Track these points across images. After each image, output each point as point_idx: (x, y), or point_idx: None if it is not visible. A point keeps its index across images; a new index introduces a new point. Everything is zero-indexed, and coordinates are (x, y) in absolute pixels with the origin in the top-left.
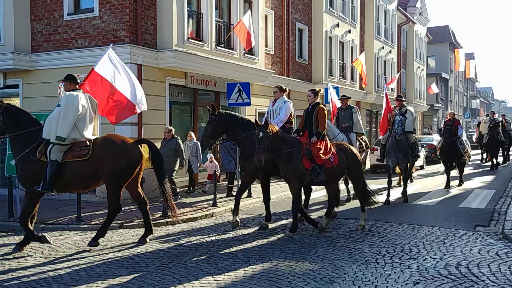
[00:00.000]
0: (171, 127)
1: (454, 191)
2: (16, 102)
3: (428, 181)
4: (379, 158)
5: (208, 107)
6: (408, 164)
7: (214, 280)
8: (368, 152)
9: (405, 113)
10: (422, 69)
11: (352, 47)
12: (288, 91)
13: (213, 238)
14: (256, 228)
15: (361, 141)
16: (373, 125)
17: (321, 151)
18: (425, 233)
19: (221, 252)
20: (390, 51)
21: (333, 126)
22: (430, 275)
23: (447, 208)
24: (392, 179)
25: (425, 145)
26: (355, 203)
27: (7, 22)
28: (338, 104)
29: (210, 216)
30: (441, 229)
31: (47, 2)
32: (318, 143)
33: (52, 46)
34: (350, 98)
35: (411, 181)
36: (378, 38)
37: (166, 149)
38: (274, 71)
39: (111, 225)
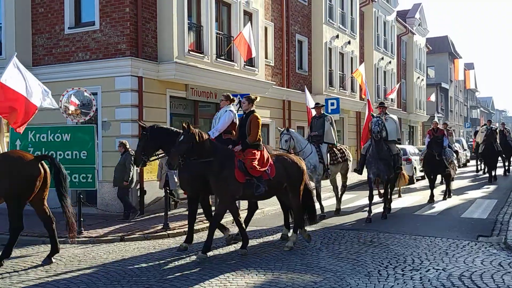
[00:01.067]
0: (124, 141)
1: (456, 201)
2: None
3: (429, 191)
4: (356, 169)
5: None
6: (393, 179)
7: None
8: (349, 164)
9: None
10: (422, 79)
11: (352, 58)
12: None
13: (215, 250)
14: (260, 240)
15: (336, 151)
16: None
17: (255, 163)
18: (428, 243)
19: (223, 265)
20: (390, 62)
21: (301, 138)
22: (433, 287)
23: (449, 218)
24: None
25: None
26: (360, 215)
27: (8, 35)
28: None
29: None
30: (443, 240)
31: (48, 16)
32: (252, 154)
33: (53, 59)
34: (324, 106)
35: (399, 195)
36: (378, 49)
37: (118, 164)
38: (275, 83)
39: (112, 237)
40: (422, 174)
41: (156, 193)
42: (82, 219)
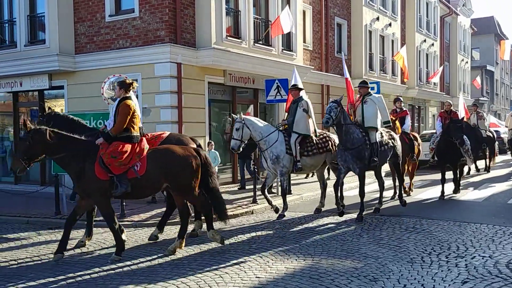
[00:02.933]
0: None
1: (502, 187)
2: (61, 103)
3: (476, 177)
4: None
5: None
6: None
7: (256, 277)
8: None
9: (364, 102)
10: (466, 62)
11: (393, 41)
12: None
13: (254, 235)
14: (299, 226)
15: (314, 141)
16: (415, 122)
17: (116, 158)
18: (473, 230)
19: (262, 249)
20: (433, 44)
21: (262, 125)
22: (479, 274)
23: (495, 204)
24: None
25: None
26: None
27: (51, 25)
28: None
29: (250, 213)
30: (489, 226)
31: (89, 4)
32: (116, 148)
33: (94, 47)
34: (303, 89)
35: (407, 193)
36: (420, 31)
37: None
38: (313, 67)
39: (154, 221)
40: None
41: None
42: (124, 203)
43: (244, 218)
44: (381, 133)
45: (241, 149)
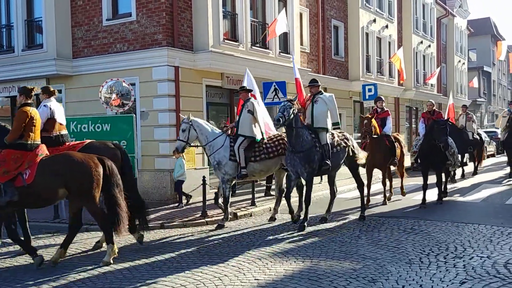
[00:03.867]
0: None
1: (499, 188)
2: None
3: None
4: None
5: None
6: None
7: (255, 279)
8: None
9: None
10: (463, 63)
11: (389, 43)
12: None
13: (253, 237)
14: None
15: (264, 144)
16: (413, 123)
17: (1, 166)
18: (471, 231)
19: (261, 251)
20: (429, 46)
21: (209, 128)
22: (478, 274)
23: (493, 205)
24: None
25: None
26: (400, 203)
27: (49, 29)
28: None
29: (249, 215)
30: (487, 227)
31: (86, 9)
32: (6, 155)
33: (92, 51)
34: (251, 90)
35: (384, 202)
36: (417, 33)
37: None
38: (310, 69)
39: (153, 224)
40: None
41: (194, 181)
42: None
43: (243, 221)
44: (332, 134)
45: (182, 152)
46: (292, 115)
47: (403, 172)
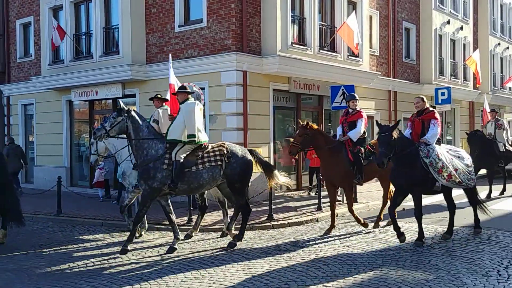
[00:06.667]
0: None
1: None
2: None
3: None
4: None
5: None
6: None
7: (323, 286)
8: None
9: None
10: None
11: (464, 45)
12: None
13: (319, 242)
14: (366, 236)
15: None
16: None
17: None
18: None
19: (328, 258)
20: (508, 48)
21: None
22: None
23: None
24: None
25: None
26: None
27: (125, 36)
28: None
29: (315, 220)
30: None
31: (159, 16)
32: None
33: (164, 57)
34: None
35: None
36: (494, 34)
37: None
38: (380, 73)
39: (220, 226)
40: None
41: (260, 184)
42: (191, 208)
43: (309, 226)
44: (194, 149)
45: (100, 163)
46: (125, 125)
47: (386, 197)
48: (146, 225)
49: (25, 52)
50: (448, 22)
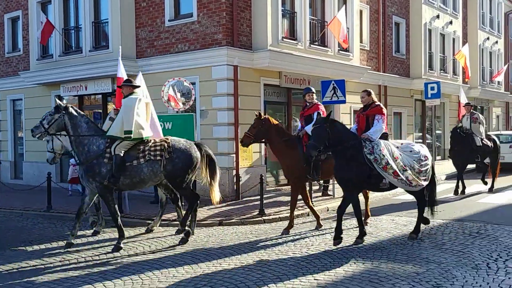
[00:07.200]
0: None
1: None
2: None
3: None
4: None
5: None
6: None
7: (315, 279)
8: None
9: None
10: None
11: (454, 39)
12: None
13: (311, 236)
14: (356, 229)
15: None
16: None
17: None
18: None
19: (319, 251)
20: (497, 42)
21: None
22: None
23: None
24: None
25: None
26: (461, 206)
27: (114, 30)
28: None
29: (306, 215)
30: None
31: (149, 10)
32: None
33: (155, 51)
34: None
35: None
36: (483, 29)
37: None
38: (370, 67)
39: (212, 221)
40: None
41: (251, 179)
42: (182, 203)
43: (300, 220)
44: (136, 143)
45: (54, 162)
46: (63, 122)
47: (366, 192)
48: (103, 222)
49: (13, 46)
50: (438, 16)
